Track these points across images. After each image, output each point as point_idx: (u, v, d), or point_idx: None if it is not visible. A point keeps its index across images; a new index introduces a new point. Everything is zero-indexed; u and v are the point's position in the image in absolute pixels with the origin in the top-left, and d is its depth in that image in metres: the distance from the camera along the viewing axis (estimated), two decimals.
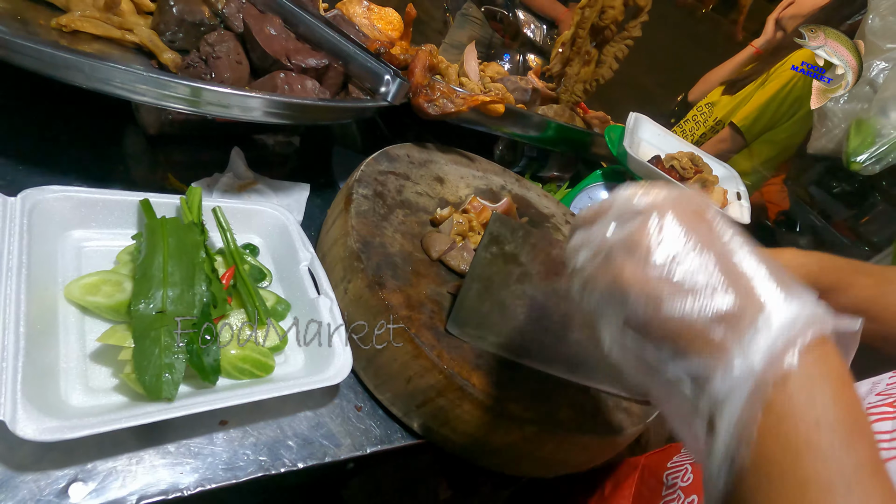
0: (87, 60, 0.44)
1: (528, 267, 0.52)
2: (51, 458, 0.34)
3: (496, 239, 0.52)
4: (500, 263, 0.52)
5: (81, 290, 0.41)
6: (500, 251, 0.52)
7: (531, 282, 0.52)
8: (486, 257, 0.52)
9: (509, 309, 0.51)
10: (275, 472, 0.41)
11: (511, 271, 0.52)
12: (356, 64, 0.62)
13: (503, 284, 0.51)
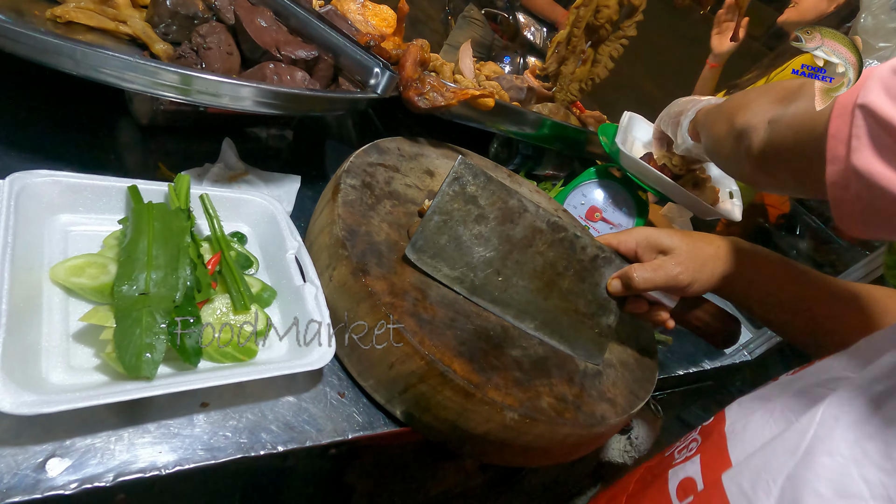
0: (76, 46, 0.45)
1: (485, 210, 0.56)
2: (29, 434, 0.35)
3: (458, 179, 0.55)
4: (460, 202, 0.55)
5: (66, 272, 0.42)
6: (462, 191, 0.55)
7: (487, 224, 0.56)
8: (448, 193, 0.55)
9: (464, 245, 0.55)
10: (254, 454, 0.41)
11: (470, 211, 0.55)
12: (346, 56, 0.63)
13: (461, 222, 0.55)
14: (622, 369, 0.60)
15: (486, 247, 0.56)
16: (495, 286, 0.55)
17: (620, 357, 0.62)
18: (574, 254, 0.57)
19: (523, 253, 0.56)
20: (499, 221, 0.56)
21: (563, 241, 0.57)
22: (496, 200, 0.56)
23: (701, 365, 0.94)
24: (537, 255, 0.57)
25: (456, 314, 0.52)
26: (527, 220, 0.56)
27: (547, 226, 0.57)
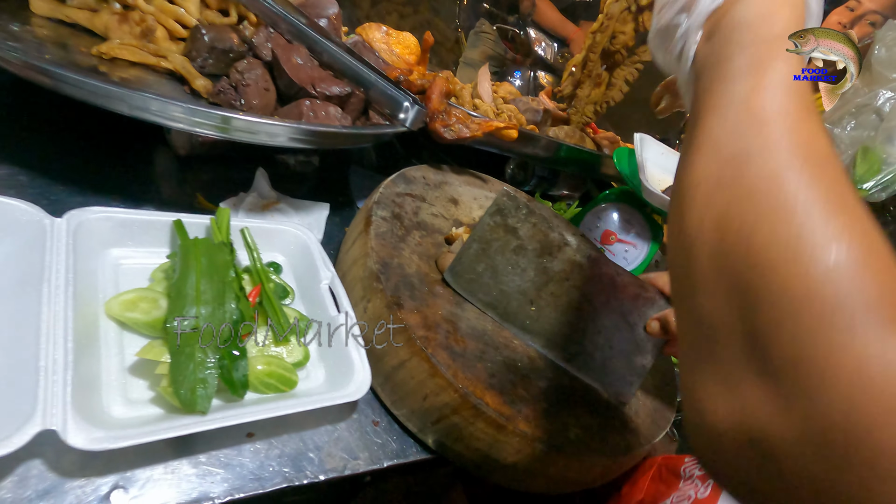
0: (131, 92, 0.47)
1: (524, 242, 0.57)
2: (94, 466, 0.37)
3: (501, 210, 0.57)
4: (500, 232, 0.57)
5: (121, 307, 0.44)
6: (503, 221, 0.57)
7: (525, 256, 0.57)
8: (489, 223, 0.57)
9: (501, 274, 0.57)
10: (298, 484, 0.43)
11: (509, 241, 0.57)
12: (377, 91, 0.65)
13: (499, 251, 0.57)
14: (644, 398, 0.62)
15: (521, 277, 0.57)
16: (527, 315, 0.57)
17: (642, 385, 0.64)
18: (613, 291, 0.58)
19: (559, 286, 0.58)
20: (537, 253, 0.57)
21: (601, 278, 0.58)
22: (536, 233, 0.57)
23: None
24: (574, 288, 0.58)
25: (486, 346, 0.53)
26: (566, 254, 0.58)
27: (586, 261, 0.58)
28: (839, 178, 0.23)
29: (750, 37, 0.28)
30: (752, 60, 0.27)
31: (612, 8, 1.02)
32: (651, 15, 0.97)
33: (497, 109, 0.99)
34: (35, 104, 0.62)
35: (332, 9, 0.72)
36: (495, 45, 2.43)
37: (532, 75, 2.36)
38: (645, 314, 0.57)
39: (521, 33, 2.28)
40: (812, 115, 0.26)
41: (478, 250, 0.57)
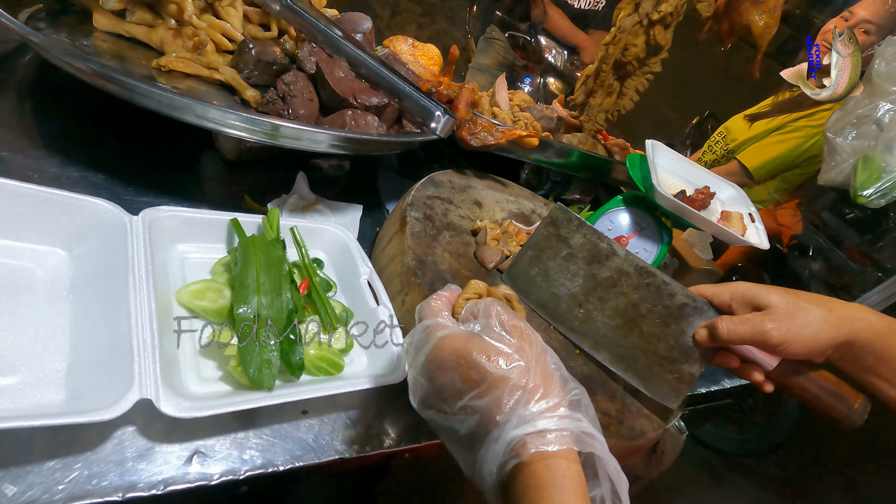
0: (197, 103, 0.53)
1: (575, 251, 0.62)
2: (176, 434, 0.42)
3: (554, 222, 0.63)
4: (552, 241, 0.63)
5: (190, 295, 0.49)
6: (556, 232, 0.63)
7: (575, 263, 0.62)
8: (543, 233, 0.63)
9: (552, 278, 0.63)
10: (348, 456, 0.48)
11: (560, 249, 0.63)
12: (410, 101, 0.70)
13: (551, 258, 0.63)
14: None
15: (571, 282, 0.62)
16: (575, 317, 0.62)
17: None
18: (660, 299, 0.59)
19: (607, 291, 0.61)
20: (586, 261, 0.62)
21: (649, 286, 0.59)
22: (586, 243, 0.62)
23: (721, 384, 0.99)
24: (621, 295, 0.60)
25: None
26: (614, 262, 0.61)
27: (634, 270, 0.60)
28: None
29: None
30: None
31: (625, 21, 1.07)
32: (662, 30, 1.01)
33: (514, 117, 1.05)
34: (99, 112, 0.67)
35: (366, 24, 0.78)
36: (505, 51, 2.48)
37: (542, 82, 2.42)
38: (693, 323, 0.58)
39: (532, 41, 2.34)
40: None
41: (532, 256, 0.63)
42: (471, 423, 0.36)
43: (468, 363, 0.36)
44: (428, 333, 0.40)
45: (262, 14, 0.79)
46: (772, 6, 1.04)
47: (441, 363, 0.38)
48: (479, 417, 0.36)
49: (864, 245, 1.86)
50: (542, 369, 0.37)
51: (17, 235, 0.45)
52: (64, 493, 0.35)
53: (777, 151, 1.62)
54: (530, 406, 0.35)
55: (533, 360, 0.37)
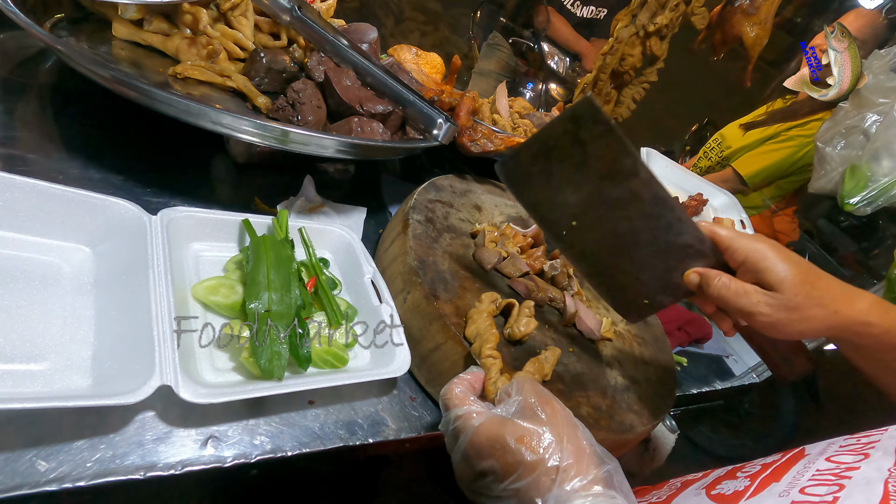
0: (212, 110, 0.56)
1: (590, 158, 0.53)
2: (192, 420, 0.45)
3: (576, 118, 0.52)
4: (567, 141, 0.53)
5: (205, 291, 0.52)
6: (575, 130, 0.52)
7: (586, 173, 0.53)
8: (558, 128, 0.53)
9: (554, 182, 0.55)
10: (352, 444, 0.51)
11: (574, 153, 0.53)
12: (414, 109, 0.74)
13: (559, 160, 0.54)
14: (647, 386, 0.70)
15: (575, 192, 0.55)
16: (566, 227, 0.57)
17: (645, 375, 0.71)
18: (666, 234, 0.54)
19: (611, 212, 0.55)
20: (600, 175, 0.53)
21: (659, 219, 0.53)
22: (607, 153, 0.52)
23: (712, 385, 1.02)
24: (625, 219, 0.55)
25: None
26: (632, 184, 0.53)
27: (650, 197, 0.53)
28: None
29: None
30: None
31: (622, 33, 1.11)
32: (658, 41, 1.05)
33: (514, 124, 1.08)
34: (117, 116, 0.71)
35: (372, 34, 0.81)
36: (508, 57, 2.51)
37: (544, 87, 2.45)
38: (688, 264, 0.54)
39: (535, 47, 2.37)
40: None
41: (536, 152, 0.54)
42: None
43: (504, 449, 0.39)
44: (463, 422, 0.42)
45: (273, 24, 0.82)
46: (763, 18, 1.07)
47: (479, 451, 0.40)
48: (519, 500, 0.38)
49: (860, 253, 1.89)
50: (575, 447, 0.39)
51: (46, 232, 0.48)
52: (91, 471, 0.38)
53: (771, 160, 1.65)
54: (566, 485, 0.36)
55: (565, 437, 0.39)
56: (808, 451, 0.42)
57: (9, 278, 0.44)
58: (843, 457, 0.38)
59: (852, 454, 0.38)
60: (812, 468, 0.38)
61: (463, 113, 0.77)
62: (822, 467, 0.38)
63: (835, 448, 0.40)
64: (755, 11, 1.12)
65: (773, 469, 0.41)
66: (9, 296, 0.43)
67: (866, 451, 0.37)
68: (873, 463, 0.35)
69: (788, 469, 0.40)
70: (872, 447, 0.37)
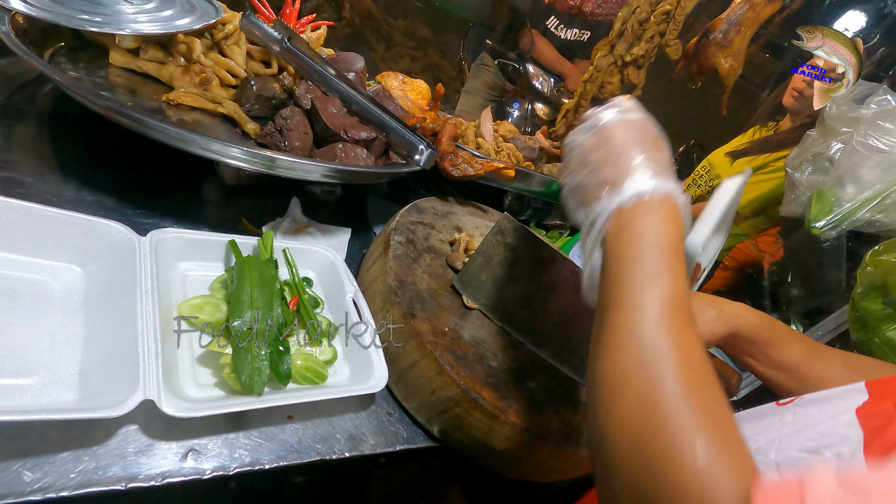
0: (202, 137, 0.59)
1: (520, 257, 0.68)
2: (173, 433, 0.47)
3: (502, 231, 0.68)
4: (500, 248, 0.68)
5: (190, 309, 0.55)
6: (504, 240, 0.68)
7: (520, 268, 0.68)
8: (491, 241, 0.68)
9: (500, 283, 0.68)
10: (328, 458, 0.53)
11: (507, 257, 0.68)
12: (396, 135, 0.77)
13: (500, 264, 0.68)
14: None
15: (518, 286, 0.68)
16: (522, 317, 0.68)
17: None
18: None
19: (548, 294, 0.67)
20: (531, 267, 0.67)
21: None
22: (530, 250, 0.67)
23: None
24: (560, 297, 0.67)
25: (484, 351, 0.64)
26: (554, 268, 0.67)
27: (570, 274, 0.66)
28: (708, 386, 0.33)
29: (649, 247, 0.39)
30: (649, 272, 0.38)
31: (601, 62, 1.16)
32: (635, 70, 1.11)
33: (497, 147, 1.12)
34: (110, 141, 0.74)
35: (359, 63, 0.85)
36: (496, 77, 2.59)
37: (529, 107, 2.52)
38: None
39: (521, 68, 2.45)
40: (689, 325, 0.36)
41: (482, 263, 0.69)
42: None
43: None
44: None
45: (264, 52, 0.86)
46: (736, 50, 1.13)
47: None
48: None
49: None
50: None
51: (38, 253, 0.51)
52: (75, 482, 0.40)
53: (761, 190, 1.69)
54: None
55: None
56: None
57: (3, 296, 0.46)
58: None
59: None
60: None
61: (445, 139, 0.81)
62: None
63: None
64: (728, 44, 1.18)
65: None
66: (2, 313, 0.45)
67: None
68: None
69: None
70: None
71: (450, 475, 0.81)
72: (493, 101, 2.54)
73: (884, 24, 1.51)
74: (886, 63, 1.59)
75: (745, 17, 1.14)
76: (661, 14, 1.03)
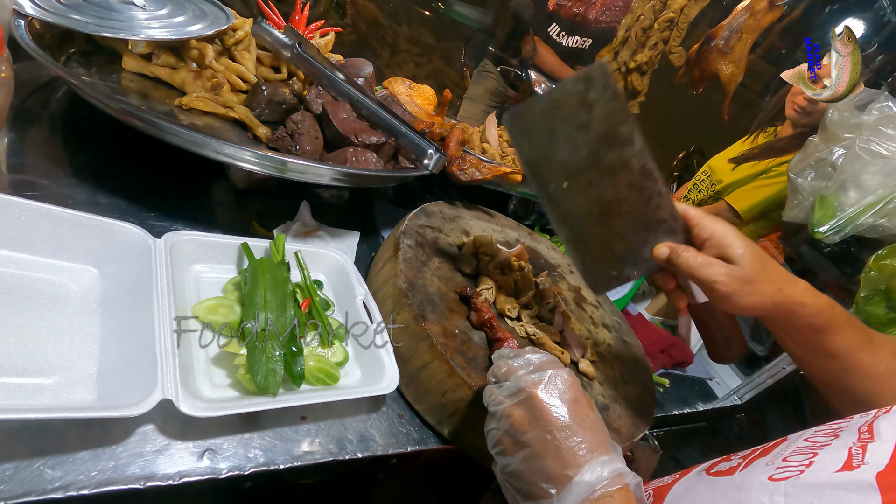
0: (216, 141, 0.60)
1: (593, 121, 0.55)
2: (190, 433, 0.47)
3: (588, 79, 0.55)
4: (576, 101, 0.55)
5: (205, 310, 0.55)
6: (585, 92, 0.55)
7: (586, 135, 0.56)
8: (570, 88, 0.55)
9: (555, 140, 0.57)
10: (341, 459, 0.53)
11: (578, 114, 0.55)
12: (406, 140, 0.78)
13: (565, 119, 0.56)
14: (626, 405, 0.72)
15: (572, 153, 0.57)
16: (557, 186, 0.59)
17: (624, 395, 0.74)
18: (645, 206, 0.57)
19: (602, 177, 0.57)
20: (599, 138, 0.56)
21: (643, 190, 0.57)
22: (608, 118, 0.55)
23: (694, 406, 1.05)
24: (612, 187, 0.58)
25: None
26: (624, 152, 0.56)
27: (639, 168, 0.57)
28: None
29: None
30: None
31: None
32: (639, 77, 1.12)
33: (502, 152, 1.13)
34: (123, 144, 0.74)
35: (367, 69, 0.86)
36: (498, 83, 2.61)
37: None
38: (660, 238, 0.58)
39: (523, 75, 2.46)
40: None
41: (546, 108, 0.56)
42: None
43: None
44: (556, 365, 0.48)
45: (274, 57, 0.87)
46: (737, 57, 1.14)
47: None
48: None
49: (842, 277, 1.94)
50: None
51: (57, 254, 0.51)
52: (94, 480, 0.40)
53: (764, 195, 1.70)
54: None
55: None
56: (789, 438, 0.48)
57: (22, 297, 0.47)
58: (818, 438, 0.44)
59: (825, 436, 0.44)
60: (792, 446, 0.45)
61: (452, 143, 0.82)
62: (801, 445, 0.44)
63: (811, 432, 0.46)
64: (730, 51, 1.19)
65: (760, 451, 0.48)
66: (21, 314, 0.46)
67: (836, 433, 0.43)
68: (841, 440, 0.41)
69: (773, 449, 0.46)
70: (842, 430, 0.44)
71: (459, 477, 0.81)
72: (495, 108, 2.56)
73: (883, 33, 1.53)
74: (885, 70, 1.61)
75: (747, 24, 1.15)
76: (665, 22, 1.05)
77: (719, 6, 1.48)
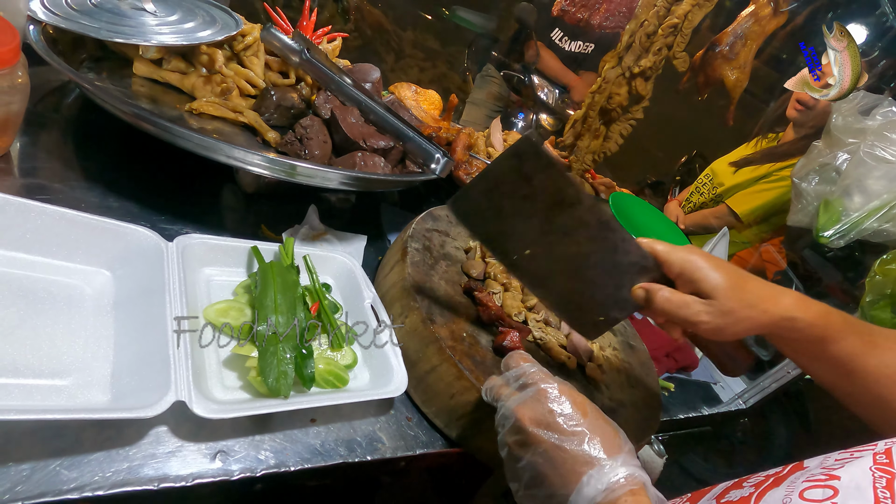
0: (227, 145, 0.61)
1: (537, 192, 0.56)
2: (202, 435, 0.48)
3: (518, 154, 0.55)
4: (513, 176, 0.56)
5: (216, 313, 0.56)
6: (518, 166, 0.55)
7: (534, 205, 0.57)
8: (502, 165, 0.56)
9: (504, 216, 0.58)
10: (351, 461, 0.54)
11: (519, 187, 0.56)
12: (413, 144, 0.79)
13: (507, 195, 0.57)
14: (632, 409, 0.73)
15: (525, 224, 0.58)
16: (519, 257, 0.60)
17: (631, 399, 0.74)
18: (613, 254, 0.58)
19: (560, 238, 0.58)
20: (547, 205, 0.56)
21: (606, 241, 0.57)
22: (550, 185, 0.56)
23: (699, 410, 1.05)
24: (574, 244, 0.58)
25: (501, 357, 0.65)
26: (577, 211, 0.57)
27: (596, 222, 0.57)
28: None
29: None
30: None
31: (609, 73, 1.18)
32: (643, 82, 1.12)
33: None
34: (134, 148, 0.75)
35: (375, 74, 0.87)
36: (500, 88, 2.62)
37: (534, 117, 2.55)
38: (635, 279, 0.58)
39: (526, 79, 2.48)
40: None
41: (486, 188, 0.57)
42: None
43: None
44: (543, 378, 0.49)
45: (282, 62, 0.88)
46: (742, 63, 1.15)
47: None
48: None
49: (845, 282, 1.94)
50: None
51: (71, 257, 0.52)
52: (109, 481, 0.41)
53: (764, 199, 1.71)
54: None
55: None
56: (806, 465, 0.46)
57: (37, 300, 0.48)
58: (836, 468, 0.41)
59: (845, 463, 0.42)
60: (807, 474, 0.42)
61: (459, 148, 0.83)
62: (816, 473, 0.42)
63: (831, 461, 0.44)
64: (735, 57, 1.20)
65: (774, 478, 0.45)
66: (36, 316, 0.47)
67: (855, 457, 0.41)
68: (857, 465, 0.39)
69: (787, 478, 0.44)
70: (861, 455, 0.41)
71: (467, 480, 0.81)
72: (498, 112, 2.57)
73: (886, 39, 1.53)
74: (888, 76, 1.62)
75: (751, 30, 1.16)
76: (669, 27, 1.05)
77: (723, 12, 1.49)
